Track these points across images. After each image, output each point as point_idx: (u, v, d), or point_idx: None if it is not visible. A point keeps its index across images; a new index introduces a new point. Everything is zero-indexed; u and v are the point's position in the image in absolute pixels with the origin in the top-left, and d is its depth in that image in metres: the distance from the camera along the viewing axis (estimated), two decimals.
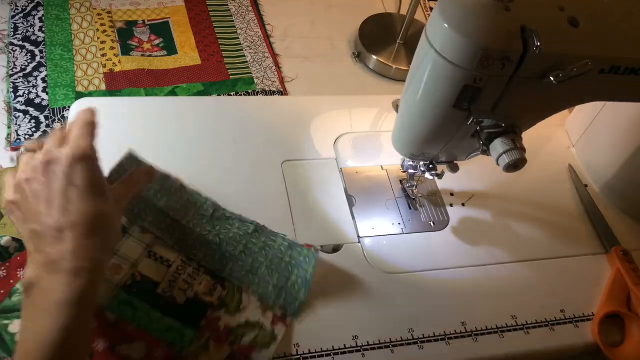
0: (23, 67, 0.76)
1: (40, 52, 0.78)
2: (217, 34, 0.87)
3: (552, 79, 0.45)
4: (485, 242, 0.64)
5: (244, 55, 0.85)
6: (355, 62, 0.88)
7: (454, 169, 0.60)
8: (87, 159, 0.44)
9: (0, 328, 0.50)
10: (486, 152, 0.52)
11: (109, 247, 0.47)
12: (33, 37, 0.80)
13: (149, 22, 0.86)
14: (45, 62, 0.77)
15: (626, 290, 0.61)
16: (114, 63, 0.79)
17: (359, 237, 0.62)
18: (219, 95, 0.78)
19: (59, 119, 0.71)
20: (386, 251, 0.61)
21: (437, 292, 0.59)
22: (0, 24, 0.81)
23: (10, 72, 0.75)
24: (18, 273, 0.54)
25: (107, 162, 0.62)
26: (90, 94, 0.74)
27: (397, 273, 0.60)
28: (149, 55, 0.81)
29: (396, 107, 0.57)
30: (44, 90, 0.74)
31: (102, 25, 0.83)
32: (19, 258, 0.56)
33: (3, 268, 0.55)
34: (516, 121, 0.51)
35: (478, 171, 0.70)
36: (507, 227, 0.66)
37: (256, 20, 0.90)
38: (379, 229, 0.63)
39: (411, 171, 0.64)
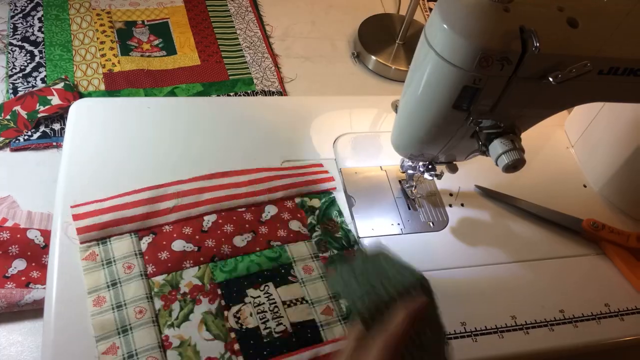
0: (22, 67, 0.76)
1: (40, 52, 0.78)
2: (216, 34, 0.87)
3: (550, 79, 0.45)
4: (484, 242, 0.64)
5: (243, 56, 0.85)
6: (354, 63, 0.88)
7: (453, 169, 0.61)
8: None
9: None
10: (485, 152, 0.53)
11: None
12: (32, 37, 0.80)
13: (148, 23, 0.86)
14: (45, 62, 0.77)
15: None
16: (113, 63, 0.79)
17: (358, 237, 0.62)
18: (218, 95, 0.78)
19: (57, 119, 0.71)
20: None
21: (436, 292, 0.59)
22: None
23: (10, 73, 0.75)
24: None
25: (108, 162, 0.62)
26: (89, 94, 0.74)
27: None
28: (148, 56, 0.81)
29: (395, 107, 0.57)
30: None
31: (101, 25, 0.83)
32: None
33: None
34: (515, 121, 0.51)
35: (477, 172, 0.70)
36: (507, 227, 0.66)
37: (255, 21, 0.90)
38: (378, 229, 0.63)
39: (410, 171, 0.64)
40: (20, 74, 0.75)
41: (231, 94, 0.79)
